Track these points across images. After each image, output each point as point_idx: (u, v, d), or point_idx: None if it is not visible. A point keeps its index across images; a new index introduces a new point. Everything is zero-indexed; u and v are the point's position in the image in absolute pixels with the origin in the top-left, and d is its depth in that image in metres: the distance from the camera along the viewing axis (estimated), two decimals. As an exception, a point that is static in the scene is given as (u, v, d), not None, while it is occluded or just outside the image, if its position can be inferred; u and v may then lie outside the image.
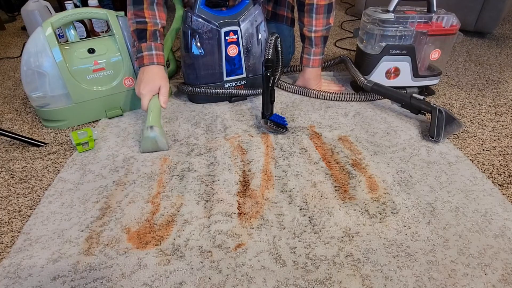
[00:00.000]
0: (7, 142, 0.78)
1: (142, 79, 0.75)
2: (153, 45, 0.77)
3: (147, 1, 0.76)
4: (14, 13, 2.00)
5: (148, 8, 0.77)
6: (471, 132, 0.79)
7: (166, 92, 0.76)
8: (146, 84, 0.75)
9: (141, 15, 0.76)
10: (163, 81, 0.76)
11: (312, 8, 0.84)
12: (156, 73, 0.76)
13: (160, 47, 0.79)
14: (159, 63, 0.78)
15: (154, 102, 0.74)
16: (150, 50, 0.77)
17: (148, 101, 0.74)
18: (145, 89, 0.74)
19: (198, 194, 0.61)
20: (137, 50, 0.77)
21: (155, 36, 0.77)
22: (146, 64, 0.76)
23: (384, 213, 0.56)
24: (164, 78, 0.77)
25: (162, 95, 0.75)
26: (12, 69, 1.23)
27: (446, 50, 0.90)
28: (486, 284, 0.45)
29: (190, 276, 0.47)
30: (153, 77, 0.76)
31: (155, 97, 0.75)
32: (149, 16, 0.76)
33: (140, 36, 0.76)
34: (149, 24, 0.76)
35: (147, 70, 0.76)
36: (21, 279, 0.47)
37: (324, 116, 0.86)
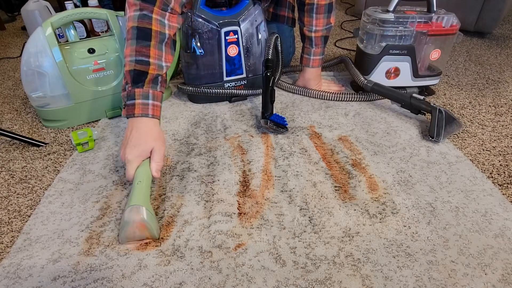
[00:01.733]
0: (7, 142, 0.78)
1: (129, 139, 0.58)
2: (151, 92, 0.61)
3: (156, 38, 0.62)
4: (14, 13, 2.00)
5: (156, 47, 0.62)
6: (471, 132, 0.79)
7: (161, 157, 0.59)
8: (133, 146, 0.57)
9: (146, 53, 0.61)
10: (158, 142, 0.59)
11: (313, 7, 0.84)
12: (148, 130, 0.59)
13: (159, 96, 0.62)
14: (154, 116, 0.61)
15: (142, 171, 0.57)
16: (146, 98, 0.60)
17: (134, 169, 0.57)
18: (132, 154, 0.57)
19: (198, 194, 0.61)
20: (128, 96, 0.60)
21: (156, 83, 0.62)
22: (137, 115, 0.59)
23: (384, 213, 0.56)
24: (159, 138, 0.60)
25: (154, 161, 0.58)
26: (12, 69, 1.23)
27: (446, 50, 0.90)
28: (486, 284, 0.45)
29: (190, 276, 0.47)
30: (144, 137, 0.58)
31: (145, 164, 0.58)
32: (155, 56, 0.62)
33: (136, 79, 0.60)
34: (152, 66, 0.61)
35: (136, 125, 0.59)
36: (21, 279, 0.47)
37: (324, 116, 0.86)
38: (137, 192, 0.53)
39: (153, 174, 0.58)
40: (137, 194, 0.53)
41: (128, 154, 0.57)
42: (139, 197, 0.52)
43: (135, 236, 0.51)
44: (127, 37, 0.62)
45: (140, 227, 0.51)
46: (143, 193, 0.54)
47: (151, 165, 0.58)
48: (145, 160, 0.58)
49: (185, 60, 0.87)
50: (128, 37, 0.62)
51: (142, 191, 0.54)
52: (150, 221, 0.51)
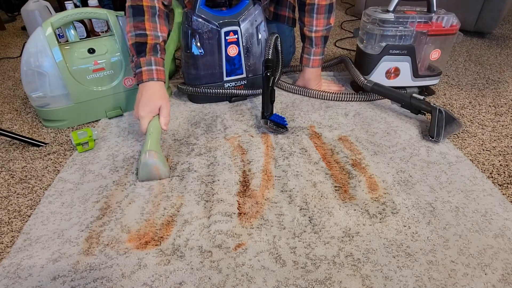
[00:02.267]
0: (7, 142, 0.78)
1: (140, 100, 0.69)
2: (153, 59, 0.71)
3: (148, 13, 0.71)
4: (14, 13, 2.00)
5: (150, 20, 0.71)
6: (471, 132, 0.79)
7: (168, 112, 0.70)
8: (144, 105, 0.68)
9: (142, 27, 0.71)
10: (164, 101, 0.70)
11: (313, 8, 0.84)
12: (156, 91, 0.70)
13: (161, 62, 0.73)
14: (159, 79, 0.71)
15: (153, 124, 0.67)
16: (149, 65, 0.70)
17: (147, 124, 0.67)
18: (144, 111, 0.67)
19: (198, 194, 0.61)
20: (135, 65, 0.71)
21: (156, 50, 0.72)
22: (145, 80, 0.70)
23: (384, 213, 0.56)
24: (164, 97, 0.70)
25: (163, 116, 0.69)
26: (12, 69, 1.23)
27: (446, 50, 0.90)
28: (486, 284, 0.45)
29: (190, 276, 0.47)
30: (152, 97, 0.69)
31: (155, 119, 0.69)
32: (150, 29, 0.71)
33: (139, 50, 0.71)
34: (149, 37, 0.71)
35: (145, 88, 0.70)
36: (21, 279, 0.47)
37: (324, 116, 0.86)
38: (150, 140, 0.64)
39: (162, 127, 0.68)
40: (151, 142, 0.63)
41: (141, 111, 0.67)
42: (152, 144, 0.63)
43: (150, 175, 0.63)
44: (126, 15, 0.73)
45: (154, 168, 0.63)
46: (155, 141, 0.64)
47: (160, 119, 0.68)
48: (154, 116, 0.69)
49: (185, 60, 0.87)
50: (126, 15, 0.73)
51: (154, 140, 0.64)
52: (162, 163, 0.63)
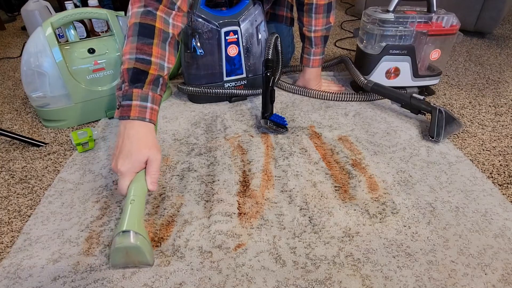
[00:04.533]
0: (7, 142, 0.78)
1: (121, 147, 0.51)
2: (150, 95, 0.55)
3: (159, 37, 0.57)
4: (14, 13, 2.00)
5: (159, 46, 0.57)
6: (471, 132, 0.79)
7: (157, 168, 0.52)
8: (126, 156, 0.50)
9: (147, 51, 0.56)
10: (152, 151, 0.52)
11: (312, 7, 0.83)
12: (142, 137, 0.52)
13: (158, 100, 0.57)
14: (151, 120, 0.54)
15: (137, 187, 0.50)
16: (144, 100, 0.54)
17: (128, 183, 0.50)
18: (124, 165, 0.50)
19: (198, 194, 0.61)
20: (124, 96, 0.54)
21: (157, 84, 0.56)
22: (132, 118, 0.52)
23: (384, 213, 0.56)
24: (154, 146, 0.53)
25: (150, 174, 0.52)
26: (12, 69, 1.23)
27: (446, 50, 0.90)
28: (486, 284, 0.45)
29: (190, 276, 0.47)
30: (137, 145, 0.51)
31: (139, 177, 0.51)
32: (158, 56, 0.57)
33: (135, 78, 0.54)
34: (153, 66, 0.56)
35: (129, 131, 0.52)
36: (21, 280, 0.47)
37: (324, 116, 0.86)
38: (129, 213, 0.47)
39: (149, 188, 0.52)
40: (130, 217, 0.47)
41: (120, 166, 0.50)
42: (131, 220, 0.47)
43: (127, 263, 0.47)
44: (128, 34, 0.57)
45: (133, 254, 0.46)
46: (136, 214, 0.48)
47: (147, 178, 0.52)
48: (139, 172, 0.52)
49: (185, 60, 0.87)
50: (128, 33, 0.57)
51: (135, 213, 0.48)
52: (144, 248, 0.46)
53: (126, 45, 0.57)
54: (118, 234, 0.46)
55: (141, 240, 0.46)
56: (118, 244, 0.45)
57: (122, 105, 0.54)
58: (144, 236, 0.47)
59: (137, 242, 0.45)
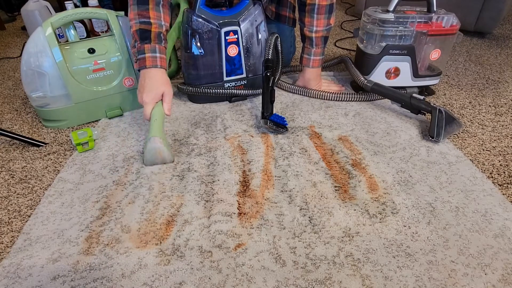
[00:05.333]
0: (7, 142, 0.78)
1: (144, 86, 0.71)
2: (157, 47, 0.73)
3: (152, 2, 0.73)
4: (14, 13, 2.00)
5: (154, 9, 0.73)
6: (471, 132, 0.79)
7: (170, 98, 0.72)
8: (148, 91, 0.70)
9: (146, 15, 0.72)
10: (167, 87, 0.72)
11: (314, 8, 0.84)
12: (159, 78, 0.72)
13: (163, 50, 0.74)
14: (162, 66, 0.73)
15: (157, 111, 0.70)
16: (153, 52, 0.72)
17: (151, 110, 0.70)
18: (148, 97, 0.69)
19: (198, 194, 0.61)
20: (138, 51, 0.72)
21: (160, 38, 0.73)
22: (148, 67, 0.71)
23: (384, 213, 0.56)
24: (167, 84, 0.72)
25: (166, 103, 0.71)
26: (12, 69, 1.23)
27: (446, 50, 0.90)
28: (486, 284, 0.45)
29: (190, 276, 0.47)
30: (156, 83, 0.71)
31: (159, 105, 0.71)
32: (154, 17, 0.73)
33: (143, 37, 0.72)
34: (154, 25, 0.72)
35: (149, 75, 0.71)
36: (21, 279, 0.47)
37: (324, 116, 0.86)
38: (154, 126, 0.66)
39: (166, 113, 0.71)
40: (155, 128, 0.66)
41: (145, 98, 0.69)
42: (157, 130, 0.66)
43: (155, 160, 0.67)
44: (129, 3, 0.73)
45: (159, 153, 0.67)
46: (159, 127, 0.67)
47: (164, 105, 0.71)
48: (157, 102, 0.71)
49: (185, 60, 0.87)
50: (130, 3, 0.73)
51: (159, 126, 0.67)
52: (166, 148, 0.67)
53: (130, 13, 0.74)
54: (148, 140, 0.66)
55: (164, 142, 0.67)
56: (148, 145, 0.66)
57: (139, 59, 0.72)
58: (165, 141, 0.68)
59: (161, 144, 0.66)
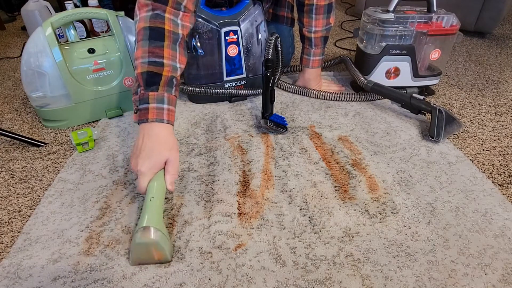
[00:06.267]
0: (7, 142, 0.78)
1: (141, 148, 0.54)
2: (166, 96, 0.56)
3: (169, 38, 0.58)
4: (14, 13, 2.00)
5: (170, 47, 0.58)
6: (471, 132, 0.79)
7: (176, 169, 0.55)
8: (146, 157, 0.53)
9: (159, 54, 0.57)
10: (172, 153, 0.55)
11: (312, 8, 0.83)
12: (163, 139, 0.55)
13: (174, 100, 0.59)
14: (169, 121, 0.57)
15: (156, 186, 0.53)
16: (161, 102, 0.56)
17: (147, 183, 0.52)
18: (144, 165, 0.52)
19: (198, 194, 0.61)
20: (140, 100, 0.56)
21: (171, 86, 0.58)
22: (151, 120, 0.55)
23: (384, 213, 0.56)
24: (173, 147, 0.55)
25: (169, 174, 0.54)
26: (12, 69, 1.23)
27: (446, 50, 0.90)
28: (486, 284, 0.45)
29: (190, 277, 0.47)
30: (158, 146, 0.54)
31: (159, 177, 0.54)
32: (169, 57, 0.58)
33: (150, 82, 0.56)
34: (166, 67, 0.57)
35: (150, 133, 0.54)
36: (21, 280, 0.47)
37: (324, 116, 0.86)
38: (149, 210, 0.49)
39: (168, 188, 0.54)
40: (150, 213, 0.49)
41: (140, 166, 0.52)
42: (151, 217, 0.49)
43: (147, 259, 0.48)
44: (138, 38, 0.59)
45: (153, 250, 0.47)
46: (156, 211, 0.50)
47: (166, 178, 0.54)
48: (158, 172, 0.54)
49: (185, 60, 0.87)
50: (139, 38, 0.58)
51: (155, 210, 0.50)
52: (163, 244, 0.47)
53: (138, 50, 0.58)
54: (139, 230, 0.47)
55: (161, 236, 0.47)
56: (138, 239, 0.46)
57: (140, 109, 0.56)
58: (163, 233, 0.48)
59: (157, 238, 0.46)
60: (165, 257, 0.48)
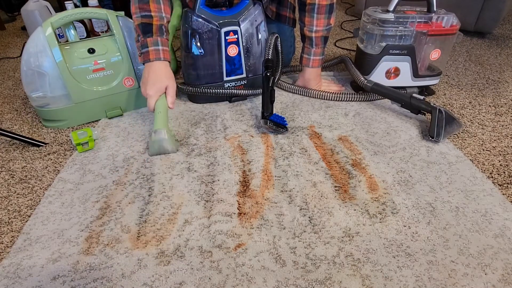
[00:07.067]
0: (7, 142, 0.78)
1: (148, 78, 0.73)
2: (159, 40, 0.74)
3: None
4: (14, 13, 2.00)
5: (154, 1, 0.74)
6: (471, 132, 0.79)
7: (174, 91, 0.74)
8: (152, 84, 0.72)
9: (147, 8, 0.73)
10: (170, 80, 0.74)
11: (314, 8, 0.83)
12: (162, 71, 0.74)
13: (166, 42, 0.76)
14: (165, 58, 0.75)
15: (161, 103, 0.72)
16: (156, 45, 0.74)
17: (154, 102, 0.72)
18: (151, 90, 0.72)
19: (198, 194, 0.61)
20: (142, 45, 0.74)
21: (161, 31, 0.75)
22: (152, 60, 0.73)
23: (384, 213, 0.56)
24: (170, 77, 0.75)
25: (170, 96, 0.73)
26: (12, 69, 1.23)
27: (446, 50, 0.90)
28: (486, 284, 0.45)
29: (190, 276, 0.47)
30: (159, 76, 0.73)
31: (162, 98, 0.73)
32: (155, 10, 0.74)
33: (145, 30, 0.73)
34: (155, 18, 0.74)
35: (153, 68, 0.73)
36: (21, 279, 0.47)
37: (324, 116, 0.86)
38: (159, 119, 0.70)
39: (169, 106, 0.73)
40: (160, 121, 0.69)
41: (149, 90, 0.72)
42: (161, 123, 0.69)
43: (160, 151, 0.70)
44: None
45: (163, 144, 0.69)
46: (164, 119, 0.70)
47: (167, 98, 0.73)
48: (161, 95, 0.73)
49: (185, 60, 0.87)
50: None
51: (163, 118, 0.70)
52: (170, 139, 0.70)
53: (132, 6, 0.75)
54: (153, 132, 0.69)
55: (168, 134, 0.70)
56: (154, 137, 0.69)
57: (143, 52, 0.74)
58: (170, 133, 0.71)
59: (166, 136, 0.69)
60: (173, 149, 0.71)
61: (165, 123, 0.70)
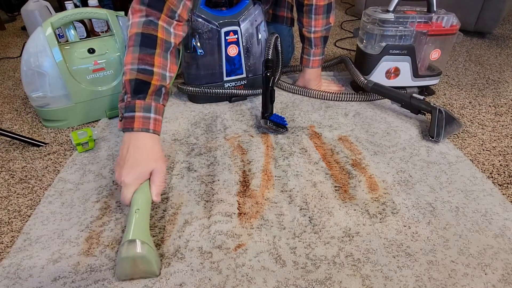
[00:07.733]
0: (7, 142, 0.78)
1: (125, 158, 0.51)
2: (153, 105, 0.55)
3: (161, 47, 0.57)
4: (14, 13, 2.00)
5: (161, 55, 0.57)
6: (471, 132, 0.79)
7: (162, 179, 0.52)
8: (131, 167, 0.50)
9: (149, 61, 0.55)
10: (158, 163, 0.52)
11: (311, 8, 0.83)
12: (148, 149, 0.52)
13: (161, 110, 0.57)
14: (155, 131, 0.54)
15: (141, 197, 0.50)
16: (147, 111, 0.54)
17: (131, 194, 0.50)
18: (128, 176, 0.50)
19: (198, 194, 0.61)
20: (126, 108, 0.53)
21: (159, 95, 0.56)
22: (136, 130, 0.52)
23: (384, 213, 0.56)
24: (159, 158, 0.53)
25: (155, 184, 0.51)
26: (12, 69, 1.23)
27: (446, 50, 0.90)
28: (486, 284, 0.45)
29: (190, 277, 0.47)
30: (143, 156, 0.51)
31: (143, 188, 0.51)
32: (159, 65, 0.56)
33: (137, 89, 0.54)
34: (155, 76, 0.55)
35: (135, 143, 0.52)
36: (22, 280, 0.47)
37: (324, 116, 0.86)
38: (135, 223, 0.47)
39: (153, 199, 0.51)
40: (135, 226, 0.46)
41: (125, 177, 0.50)
42: (137, 230, 0.46)
43: (133, 274, 0.46)
44: (129, 43, 0.56)
45: (139, 264, 0.45)
46: (142, 224, 0.47)
47: (152, 188, 0.51)
48: (143, 183, 0.51)
49: (185, 60, 0.87)
50: (130, 43, 0.56)
51: (141, 222, 0.47)
52: (151, 257, 0.45)
53: (127, 55, 0.56)
54: (124, 243, 0.44)
55: (148, 249, 0.45)
56: (124, 254, 0.44)
57: (125, 117, 0.53)
58: (150, 246, 0.46)
59: (144, 251, 0.44)
60: (153, 271, 0.46)
61: (144, 229, 0.47)
